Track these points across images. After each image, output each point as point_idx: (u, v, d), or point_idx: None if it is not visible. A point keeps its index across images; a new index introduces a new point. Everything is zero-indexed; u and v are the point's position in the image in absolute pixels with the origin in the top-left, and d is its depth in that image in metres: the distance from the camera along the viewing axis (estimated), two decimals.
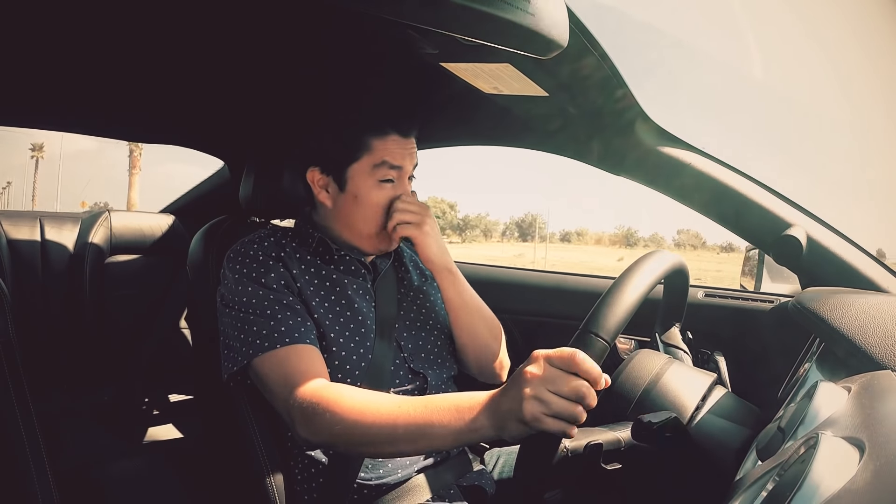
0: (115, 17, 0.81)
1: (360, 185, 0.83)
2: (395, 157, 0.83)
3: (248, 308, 0.78)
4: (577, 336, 0.56)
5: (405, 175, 0.85)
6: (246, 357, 0.76)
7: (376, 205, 0.83)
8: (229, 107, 1.24)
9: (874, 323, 0.56)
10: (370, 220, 0.84)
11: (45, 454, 0.79)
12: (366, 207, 0.83)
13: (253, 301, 0.78)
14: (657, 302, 0.88)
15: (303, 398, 0.70)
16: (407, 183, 0.86)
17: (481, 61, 0.79)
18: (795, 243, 0.89)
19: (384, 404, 0.66)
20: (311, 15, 0.79)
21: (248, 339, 0.76)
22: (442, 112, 1.21)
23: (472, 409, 0.58)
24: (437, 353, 0.90)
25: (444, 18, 0.56)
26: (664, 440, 0.61)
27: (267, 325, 0.76)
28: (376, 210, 0.83)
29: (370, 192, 0.83)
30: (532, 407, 0.53)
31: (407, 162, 0.84)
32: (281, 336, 0.75)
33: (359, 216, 0.84)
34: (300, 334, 0.77)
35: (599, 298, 0.58)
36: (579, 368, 0.52)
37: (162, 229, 1.72)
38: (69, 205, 40.84)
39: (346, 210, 0.85)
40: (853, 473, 0.32)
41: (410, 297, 0.92)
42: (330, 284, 0.84)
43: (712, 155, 0.96)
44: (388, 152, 0.82)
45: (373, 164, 0.82)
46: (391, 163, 0.82)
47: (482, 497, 0.88)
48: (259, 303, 0.78)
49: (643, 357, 0.76)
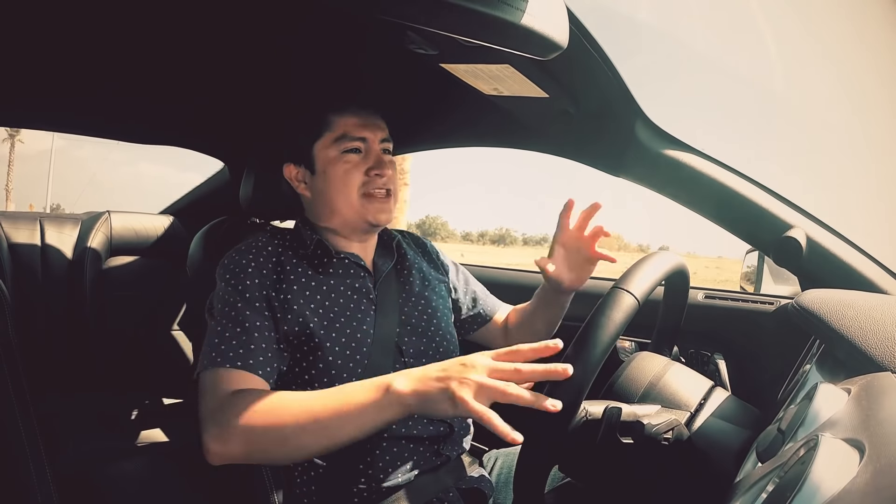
0: (115, 18, 0.82)
1: (325, 160, 0.86)
2: (355, 129, 0.86)
3: (223, 319, 0.77)
4: (609, 293, 0.62)
5: (372, 147, 0.87)
6: (202, 366, 0.74)
7: (344, 172, 0.85)
8: (229, 108, 1.25)
9: (874, 324, 0.56)
10: (343, 191, 0.85)
11: (45, 455, 0.79)
12: (336, 179, 0.85)
13: (232, 314, 0.77)
14: (657, 302, 0.88)
15: (219, 409, 0.68)
16: (378, 151, 0.87)
17: (481, 62, 0.79)
18: (795, 245, 0.89)
19: (298, 396, 0.68)
20: (311, 14, 0.79)
21: (211, 350, 0.74)
22: (440, 113, 1.21)
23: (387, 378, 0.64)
24: (439, 360, 0.90)
25: (444, 20, 0.57)
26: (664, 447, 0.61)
27: (230, 343, 0.74)
28: (346, 180, 0.85)
29: (336, 163, 0.85)
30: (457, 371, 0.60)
31: (368, 133, 0.86)
32: (235, 358, 0.73)
33: (332, 191, 0.86)
34: (255, 364, 0.74)
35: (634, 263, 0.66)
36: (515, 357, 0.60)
37: (162, 230, 1.72)
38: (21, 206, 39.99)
39: (322, 191, 0.87)
40: (853, 475, 0.32)
41: (412, 301, 0.92)
42: (326, 289, 0.83)
43: (712, 156, 0.96)
44: (347, 125, 0.85)
45: (334, 139, 0.85)
46: (351, 135, 0.85)
47: (481, 500, 0.88)
48: (235, 317, 0.76)
49: (643, 359, 0.76)
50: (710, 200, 0.97)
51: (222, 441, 0.66)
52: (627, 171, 1.03)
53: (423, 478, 0.82)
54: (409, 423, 0.82)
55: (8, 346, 0.81)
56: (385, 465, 0.80)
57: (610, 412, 0.62)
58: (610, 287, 0.63)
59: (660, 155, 0.96)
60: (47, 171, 26.83)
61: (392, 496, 0.80)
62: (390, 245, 0.95)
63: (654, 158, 0.97)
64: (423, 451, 0.83)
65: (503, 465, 1.00)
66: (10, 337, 0.82)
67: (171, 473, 1.37)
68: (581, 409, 0.63)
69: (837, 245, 0.90)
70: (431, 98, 1.13)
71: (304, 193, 0.90)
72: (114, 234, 1.63)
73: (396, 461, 0.81)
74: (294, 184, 0.90)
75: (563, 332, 0.85)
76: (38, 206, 25.83)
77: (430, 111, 1.21)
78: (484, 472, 0.94)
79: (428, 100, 1.15)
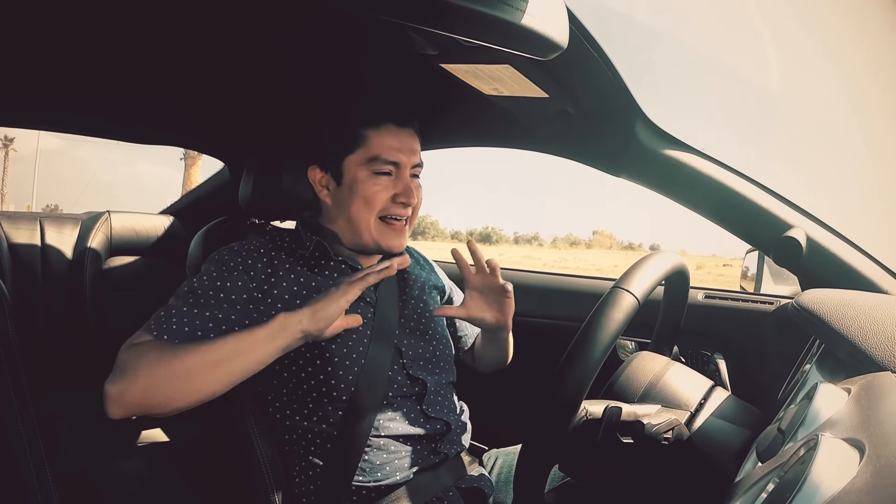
0: (116, 18, 0.82)
1: (355, 176, 0.84)
2: (390, 153, 0.83)
3: (189, 298, 0.77)
4: (609, 293, 0.62)
5: (404, 171, 0.85)
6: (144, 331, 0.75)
7: (371, 194, 0.83)
8: (229, 108, 1.25)
9: (874, 324, 0.56)
10: (364, 209, 0.84)
11: (45, 455, 0.79)
12: (360, 197, 0.83)
13: (200, 301, 0.77)
14: (657, 302, 0.88)
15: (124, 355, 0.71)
16: (408, 179, 0.85)
17: (481, 62, 0.79)
18: (795, 245, 0.89)
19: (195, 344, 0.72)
20: (310, 14, 0.79)
21: (153, 321, 0.76)
22: (441, 113, 1.21)
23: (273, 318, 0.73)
24: (437, 362, 0.90)
25: (444, 20, 0.57)
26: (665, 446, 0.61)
27: (179, 319, 0.75)
28: (371, 200, 0.83)
29: (365, 183, 0.83)
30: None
31: (403, 158, 0.84)
32: (173, 334, 0.74)
33: (354, 207, 0.84)
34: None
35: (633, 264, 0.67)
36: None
37: (162, 230, 1.72)
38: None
39: (344, 203, 0.85)
40: (853, 475, 0.32)
41: (412, 304, 0.92)
42: (325, 289, 0.83)
43: (711, 156, 0.96)
44: (383, 147, 0.83)
45: (367, 158, 0.83)
46: (385, 158, 0.83)
47: (481, 499, 0.88)
48: (203, 304, 0.77)
49: (643, 359, 0.76)
50: (709, 200, 0.96)
51: (121, 386, 0.67)
52: (627, 171, 1.03)
53: (423, 476, 0.82)
54: (405, 421, 0.82)
55: (8, 346, 0.81)
56: (383, 464, 0.80)
57: (610, 412, 0.62)
58: (610, 287, 0.63)
59: (659, 155, 0.96)
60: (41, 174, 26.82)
61: (391, 495, 0.80)
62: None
63: (654, 158, 0.97)
64: (420, 450, 0.83)
65: (503, 464, 1.00)
66: (10, 336, 0.82)
67: (171, 473, 1.37)
68: (581, 408, 0.63)
69: (837, 245, 0.90)
70: (431, 98, 1.13)
71: (325, 199, 0.88)
72: (114, 234, 1.63)
73: (395, 460, 0.81)
74: (317, 188, 0.89)
75: (564, 332, 0.85)
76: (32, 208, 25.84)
77: (430, 111, 1.21)
78: (484, 472, 0.94)
79: (428, 100, 1.15)
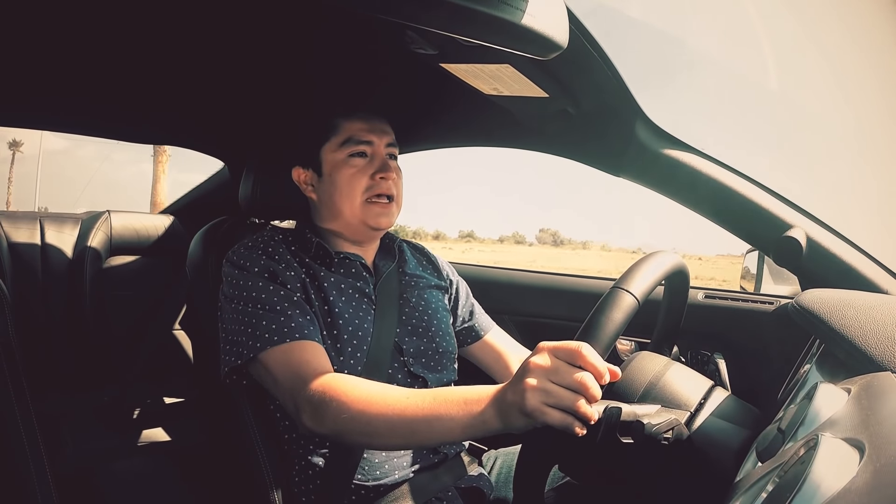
0: (116, 19, 0.82)
1: (331, 163, 0.87)
2: (361, 133, 0.87)
3: (256, 303, 0.78)
4: (609, 293, 0.61)
5: (378, 152, 0.88)
6: (253, 350, 0.75)
7: (350, 176, 0.86)
8: (229, 107, 1.25)
9: (874, 324, 0.56)
10: (347, 194, 0.86)
11: (45, 455, 0.79)
12: (341, 183, 0.86)
13: (262, 296, 0.78)
14: (657, 302, 0.88)
15: (311, 388, 0.69)
16: (383, 156, 0.88)
17: (481, 62, 0.79)
18: (795, 245, 0.89)
19: (392, 395, 0.65)
20: (309, 14, 0.79)
21: (256, 332, 0.76)
22: (441, 113, 1.21)
23: (479, 402, 0.58)
24: (438, 360, 0.90)
25: (444, 19, 0.56)
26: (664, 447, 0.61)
27: (276, 321, 0.76)
28: (351, 181, 0.86)
29: (342, 166, 0.86)
30: (534, 397, 0.52)
31: (374, 137, 0.88)
32: (291, 331, 0.75)
33: (337, 193, 0.86)
34: (309, 332, 0.77)
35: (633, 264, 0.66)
36: (584, 361, 0.52)
37: (162, 230, 1.72)
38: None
39: (328, 192, 0.88)
40: (853, 474, 0.32)
41: (413, 302, 0.92)
42: (328, 286, 0.84)
43: (712, 156, 0.96)
44: (354, 129, 0.87)
45: (340, 142, 0.87)
46: (357, 138, 0.87)
47: (480, 499, 0.88)
48: (268, 298, 0.78)
49: (643, 359, 0.76)
50: (709, 200, 0.96)
51: (317, 421, 0.68)
52: (627, 171, 1.03)
53: (422, 476, 0.82)
54: None
55: (8, 346, 0.81)
56: (383, 463, 0.80)
57: (610, 412, 0.62)
58: (610, 287, 0.63)
59: (660, 154, 0.96)
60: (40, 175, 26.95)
61: (391, 494, 0.80)
62: (391, 248, 0.96)
63: (654, 158, 0.97)
64: (420, 449, 0.83)
65: (503, 464, 1.00)
66: (10, 336, 0.81)
67: (171, 473, 1.37)
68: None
69: (837, 245, 0.90)
70: (431, 98, 1.13)
71: (311, 196, 0.91)
72: (114, 234, 1.63)
73: (394, 459, 0.81)
74: (302, 187, 0.91)
75: (563, 332, 0.85)
76: (31, 209, 25.94)
77: (430, 111, 1.21)
78: (483, 472, 0.94)
79: (428, 100, 1.15)
